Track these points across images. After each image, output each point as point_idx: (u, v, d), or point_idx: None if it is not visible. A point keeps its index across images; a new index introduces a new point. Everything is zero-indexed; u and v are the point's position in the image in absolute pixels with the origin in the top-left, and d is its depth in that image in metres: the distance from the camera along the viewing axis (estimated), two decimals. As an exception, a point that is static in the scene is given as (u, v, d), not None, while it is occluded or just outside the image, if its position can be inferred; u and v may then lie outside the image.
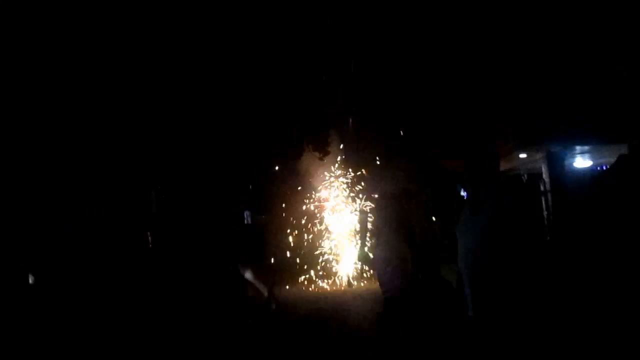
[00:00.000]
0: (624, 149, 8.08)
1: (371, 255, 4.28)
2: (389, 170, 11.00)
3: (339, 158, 12.66)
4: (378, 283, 4.02)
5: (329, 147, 12.70)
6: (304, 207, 12.27)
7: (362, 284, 11.23)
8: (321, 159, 12.70)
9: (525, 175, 14.49)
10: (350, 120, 12.95)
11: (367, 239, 4.49)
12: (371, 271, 10.61)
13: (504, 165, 12.58)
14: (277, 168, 13.24)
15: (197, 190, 11.49)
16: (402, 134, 12.10)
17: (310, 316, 8.15)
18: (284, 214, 12.56)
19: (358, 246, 5.49)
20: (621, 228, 3.05)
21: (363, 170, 12.06)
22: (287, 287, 11.12)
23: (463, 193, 5.64)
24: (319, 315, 8.12)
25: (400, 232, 3.62)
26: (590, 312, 3.14)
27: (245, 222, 15.38)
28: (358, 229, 9.97)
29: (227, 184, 12.38)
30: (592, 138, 10.79)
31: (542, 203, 11.50)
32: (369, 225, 5.01)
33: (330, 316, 7.88)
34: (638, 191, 3.13)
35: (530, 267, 2.55)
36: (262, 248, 12.05)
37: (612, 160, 3.77)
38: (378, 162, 11.44)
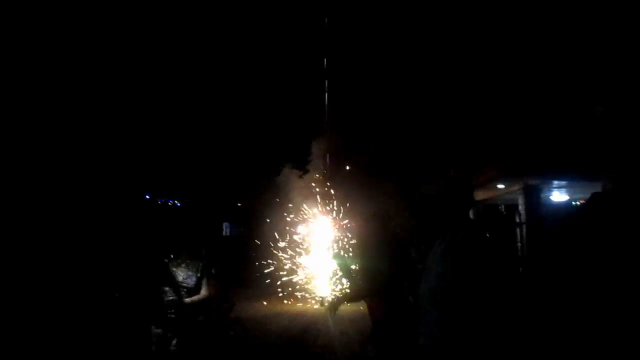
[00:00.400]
0: (598, 187, 8.35)
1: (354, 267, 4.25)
2: (371, 190, 11.16)
3: (317, 176, 12.73)
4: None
5: (309, 166, 12.81)
6: (283, 222, 12.27)
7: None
8: (301, 176, 12.79)
9: (503, 206, 14.76)
10: (333, 143, 13.09)
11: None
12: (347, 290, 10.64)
13: (483, 195, 12.81)
14: (258, 183, 13.28)
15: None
16: (385, 157, 12.28)
17: (280, 337, 8.10)
18: (263, 228, 12.55)
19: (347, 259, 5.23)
20: (591, 261, 3.18)
21: (343, 190, 12.15)
22: (265, 303, 11.05)
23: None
24: (289, 336, 8.07)
25: (384, 254, 3.58)
26: (564, 338, 3.23)
27: (224, 234, 15.34)
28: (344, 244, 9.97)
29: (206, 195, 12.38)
30: (569, 174, 11.06)
31: (516, 234, 11.72)
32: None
33: (300, 336, 7.87)
34: (607, 227, 3.27)
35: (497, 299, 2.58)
36: (240, 260, 12.00)
37: (587, 196, 3.92)
38: (360, 182, 11.56)
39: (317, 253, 11.93)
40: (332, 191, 12.30)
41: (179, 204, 12.81)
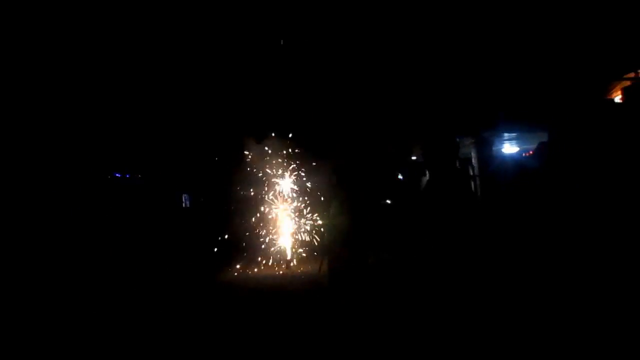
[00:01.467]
0: (546, 137, 8.71)
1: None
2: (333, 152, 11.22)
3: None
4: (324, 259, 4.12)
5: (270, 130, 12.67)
6: (245, 191, 12.21)
7: (300, 268, 11.34)
8: (258, 142, 12.64)
9: (457, 160, 15.17)
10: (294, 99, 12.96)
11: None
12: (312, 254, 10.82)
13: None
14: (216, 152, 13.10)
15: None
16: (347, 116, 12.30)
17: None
18: (223, 196, 12.46)
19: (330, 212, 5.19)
20: (537, 206, 3.38)
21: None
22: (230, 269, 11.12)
23: (400, 177, 5.92)
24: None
25: (345, 212, 3.86)
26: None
27: (183, 205, 15.20)
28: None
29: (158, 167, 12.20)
30: (518, 125, 11.46)
31: (471, 186, 12.10)
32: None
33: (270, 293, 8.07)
34: (553, 173, 3.47)
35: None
36: (201, 231, 11.96)
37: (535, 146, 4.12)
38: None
39: (281, 217, 11.97)
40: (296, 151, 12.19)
41: (135, 179, 12.57)
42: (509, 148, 14.12)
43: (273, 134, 12.46)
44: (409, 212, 3.94)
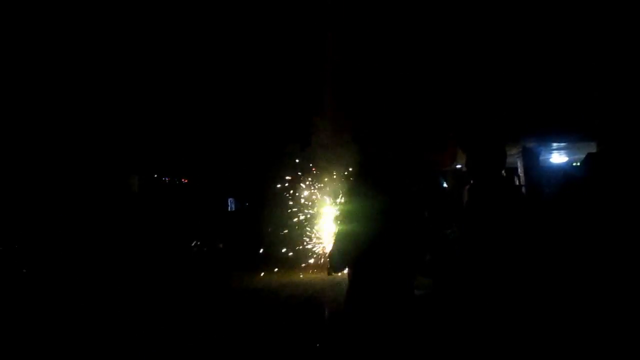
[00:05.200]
0: (594, 147, 8.49)
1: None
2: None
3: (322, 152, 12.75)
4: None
5: (313, 138, 12.86)
6: (290, 196, 12.40)
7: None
8: (302, 150, 12.82)
9: (503, 170, 14.90)
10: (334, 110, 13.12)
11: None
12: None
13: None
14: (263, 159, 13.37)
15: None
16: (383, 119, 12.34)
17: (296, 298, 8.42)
18: (268, 202, 12.70)
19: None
20: (586, 220, 3.36)
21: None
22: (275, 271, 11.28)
23: (445, 185, 5.86)
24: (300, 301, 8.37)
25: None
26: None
27: (229, 209, 15.58)
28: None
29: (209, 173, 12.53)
30: (567, 135, 11.19)
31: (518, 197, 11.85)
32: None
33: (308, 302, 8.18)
34: (601, 186, 3.44)
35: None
36: (247, 235, 12.22)
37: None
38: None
39: (322, 221, 12.07)
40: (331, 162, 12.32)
41: (184, 182, 13.01)
42: (558, 158, 13.79)
43: (313, 143, 12.67)
44: (453, 227, 3.82)
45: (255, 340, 5.56)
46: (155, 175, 11.54)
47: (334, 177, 12.02)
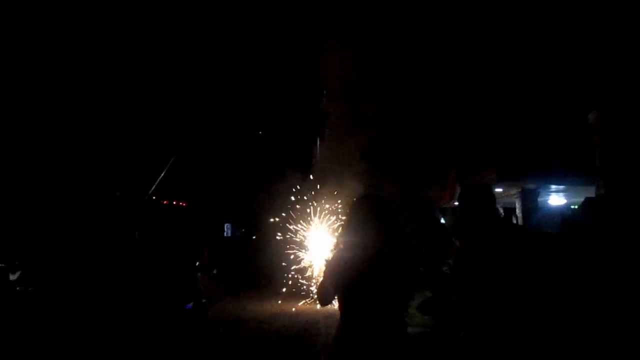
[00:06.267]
0: (593, 191, 8.54)
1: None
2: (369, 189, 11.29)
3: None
4: None
5: (311, 172, 12.93)
6: (283, 226, 12.37)
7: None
8: (302, 180, 12.86)
9: (501, 209, 14.94)
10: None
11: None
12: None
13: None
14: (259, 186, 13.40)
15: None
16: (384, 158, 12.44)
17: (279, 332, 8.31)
18: (263, 230, 12.67)
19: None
20: (582, 262, 3.36)
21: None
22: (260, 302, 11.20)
23: (442, 221, 5.86)
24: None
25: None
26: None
27: (225, 235, 15.51)
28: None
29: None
30: (566, 178, 11.26)
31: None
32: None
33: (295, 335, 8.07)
34: (598, 231, 3.45)
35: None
36: (242, 261, 12.15)
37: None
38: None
39: (317, 251, 12.01)
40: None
41: (182, 205, 12.99)
42: (556, 200, 13.84)
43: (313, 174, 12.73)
44: (450, 263, 3.82)
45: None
46: (154, 197, 11.52)
47: (334, 206, 12.03)
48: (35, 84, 10.41)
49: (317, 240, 12.03)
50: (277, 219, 12.19)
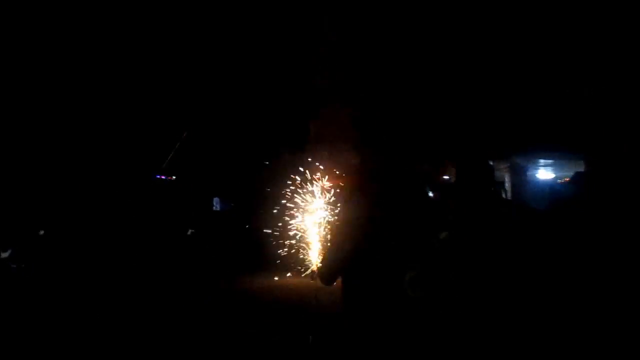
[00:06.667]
0: (582, 165, 8.60)
1: None
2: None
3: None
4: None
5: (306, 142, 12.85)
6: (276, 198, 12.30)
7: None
8: (291, 153, 12.77)
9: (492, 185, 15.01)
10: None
11: None
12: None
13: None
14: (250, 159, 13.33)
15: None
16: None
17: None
18: (254, 203, 12.61)
19: None
20: (572, 236, 3.36)
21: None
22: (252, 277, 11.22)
23: (431, 194, 5.82)
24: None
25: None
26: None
27: (214, 209, 15.42)
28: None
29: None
30: (554, 152, 11.33)
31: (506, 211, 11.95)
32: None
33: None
34: (589, 204, 3.45)
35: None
36: (229, 235, 12.12)
37: (572, 174, 4.11)
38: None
39: (311, 227, 11.97)
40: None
41: (170, 179, 12.89)
42: (544, 174, 13.92)
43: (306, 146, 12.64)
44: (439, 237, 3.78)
45: (251, 342, 5.51)
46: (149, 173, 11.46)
47: (331, 181, 11.98)
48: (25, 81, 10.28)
49: (312, 208, 11.96)
50: (268, 189, 12.10)
